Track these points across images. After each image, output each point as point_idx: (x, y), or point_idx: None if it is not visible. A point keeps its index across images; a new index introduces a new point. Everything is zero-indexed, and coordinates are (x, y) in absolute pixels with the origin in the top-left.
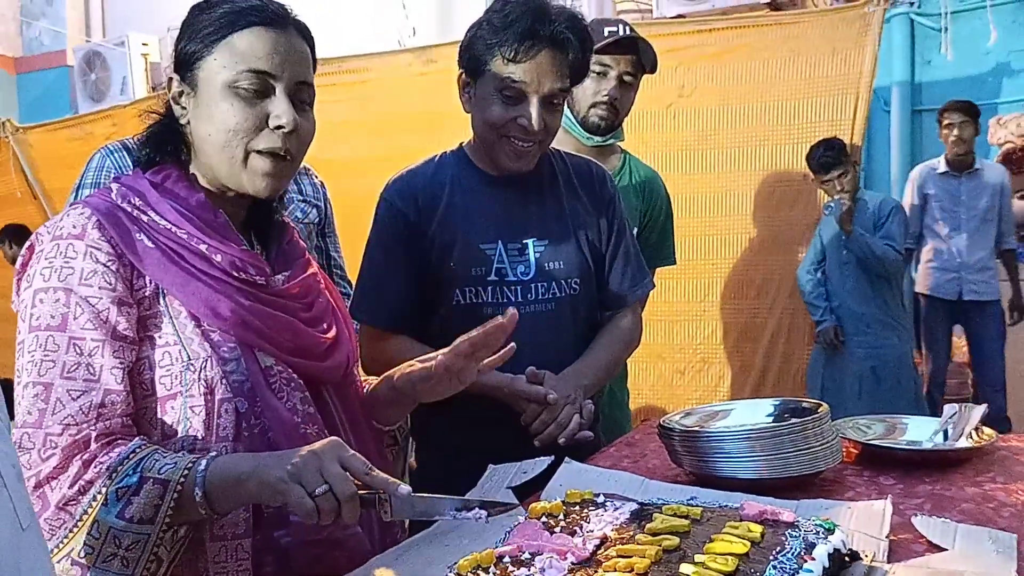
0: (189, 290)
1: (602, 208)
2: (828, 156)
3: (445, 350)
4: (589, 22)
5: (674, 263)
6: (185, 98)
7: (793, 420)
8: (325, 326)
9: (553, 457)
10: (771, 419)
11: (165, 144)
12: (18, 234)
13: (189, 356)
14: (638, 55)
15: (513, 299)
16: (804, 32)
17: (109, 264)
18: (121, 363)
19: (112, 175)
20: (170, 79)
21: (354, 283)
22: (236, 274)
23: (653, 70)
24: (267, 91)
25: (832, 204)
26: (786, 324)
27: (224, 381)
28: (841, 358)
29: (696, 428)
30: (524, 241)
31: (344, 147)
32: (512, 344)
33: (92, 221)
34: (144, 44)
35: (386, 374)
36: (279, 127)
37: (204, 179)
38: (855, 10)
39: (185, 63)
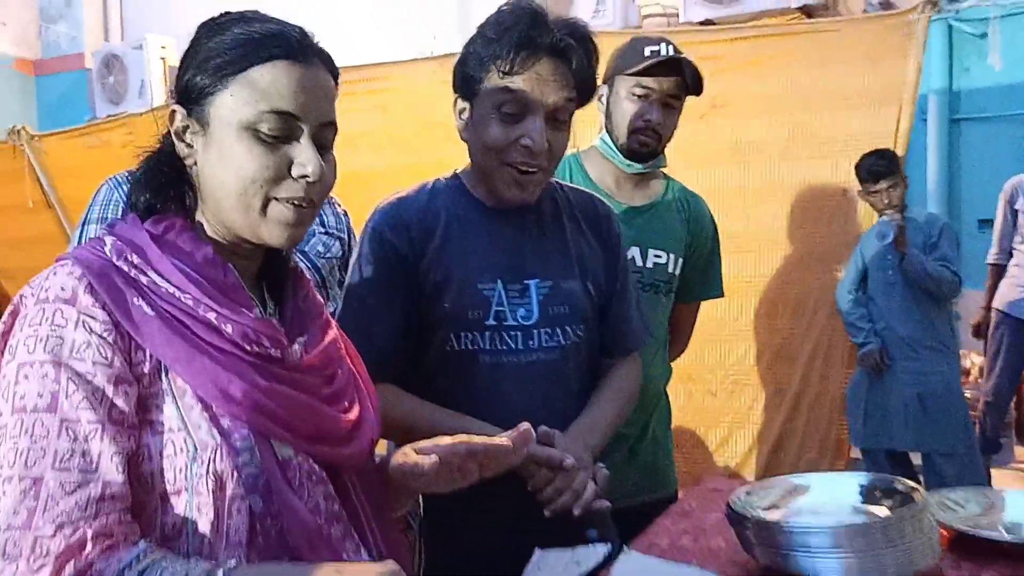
0: (195, 367)
1: (608, 247)
2: (879, 165)
3: (442, 444)
4: (629, 41)
5: (721, 295)
6: (192, 135)
7: (889, 515)
8: (347, 403)
9: (609, 546)
10: (860, 498)
11: (166, 188)
12: None
13: (196, 446)
14: (683, 76)
15: (513, 346)
16: (841, 40)
17: (105, 335)
18: (121, 450)
19: (120, 209)
20: (172, 111)
21: None
22: (249, 347)
23: (698, 92)
24: (290, 134)
25: (886, 222)
26: (824, 345)
27: (236, 475)
28: (885, 383)
29: (773, 520)
30: (526, 282)
31: (364, 159)
32: (528, 427)
33: (83, 284)
34: (163, 47)
35: (379, 461)
36: (303, 176)
37: (212, 228)
38: (897, 18)
39: (193, 96)
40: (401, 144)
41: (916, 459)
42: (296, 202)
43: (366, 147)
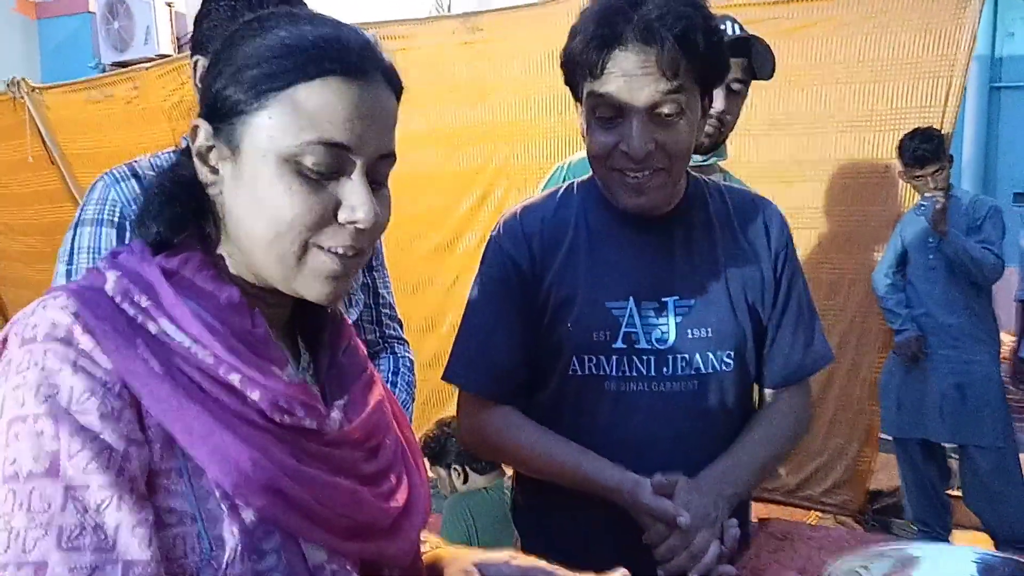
0: (212, 444)
1: (769, 259)
2: (925, 149)
3: (515, 565)
4: None
5: None
6: (218, 159)
7: None
8: (394, 481)
9: None
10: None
11: (183, 222)
12: None
13: (211, 544)
14: (750, 58)
15: (644, 371)
16: (891, 6)
17: (109, 385)
18: (143, 520)
19: (118, 210)
20: (195, 126)
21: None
22: (279, 418)
23: (767, 76)
24: (340, 170)
25: (925, 203)
26: (857, 329)
27: None
28: (921, 372)
29: None
30: (663, 300)
31: None
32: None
33: (79, 323)
34: None
35: (426, 557)
36: (352, 222)
37: (236, 266)
38: None
39: (222, 112)
40: (421, 107)
41: None
42: (342, 251)
43: None
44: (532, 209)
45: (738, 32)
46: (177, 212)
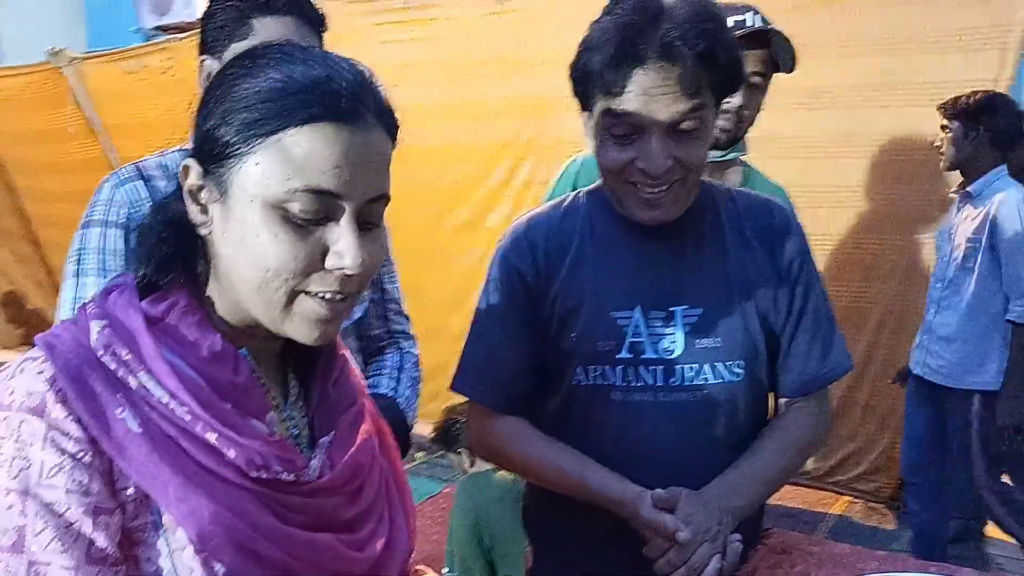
0: (187, 507)
1: (783, 265)
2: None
3: None
4: None
5: None
6: (208, 200)
7: None
8: (375, 523)
9: None
10: None
11: (171, 262)
12: None
13: None
14: (770, 49)
15: (651, 382)
16: None
17: (80, 456)
18: None
19: (124, 211)
20: (186, 166)
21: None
22: (255, 474)
23: (790, 69)
24: (328, 215)
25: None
26: (895, 313)
27: None
28: None
29: None
30: (671, 308)
31: (411, 92)
32: None
33: (54, 390)
34: None
35: None
36: (339, 268)
37: (225, 307)
38: None
39: (212, 153)
40: (451, 78)
41: None
42: (329, 295)
43: (413, 79)
44: (538, 220)
45: (759, 23)
46: (166, 254)
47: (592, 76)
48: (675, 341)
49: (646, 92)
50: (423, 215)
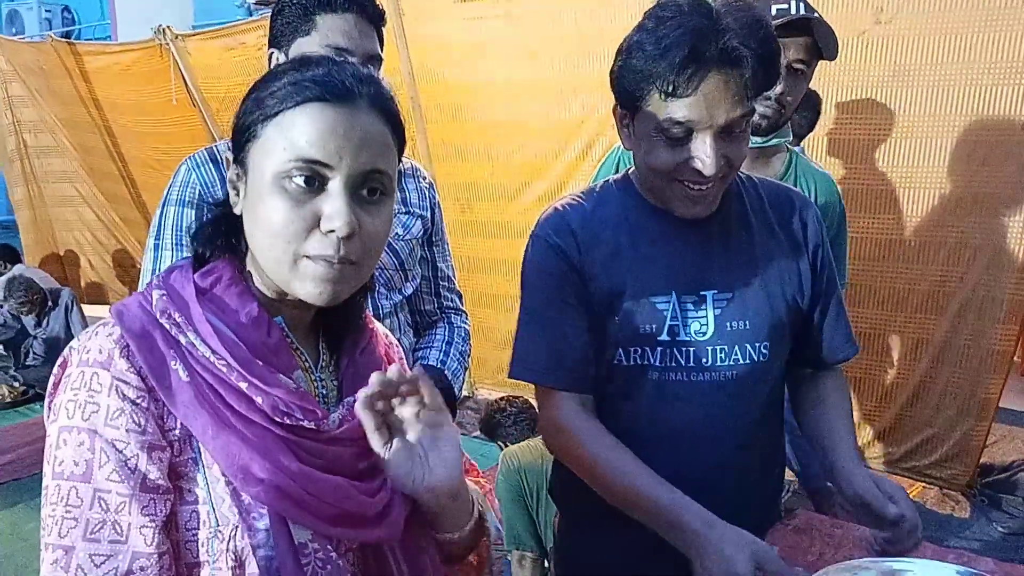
0: (219, 443)
1: (804, 250)
2: None
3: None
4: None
5: (844, 285)
6: (238, 182)
7: None
8: (384, 477)
9: None
10: None
11: (215, 238)
12: (7, 255)
13: (218, 520)
14: (812, 37)
15: (684, 363)
16: None
17: (139, 401)
18: (152, 520)
19: (197, 191)
20: (227, 159)
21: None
22: (280, 419)
23: (832, 56)
24: (322, 184)
25: None
26: (979, 298)
27: (254, 556)
28: None
29: None
30: (702, 293)
31: (488, 69)
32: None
33: (120, 347)
34: None
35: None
36: (331, 231)
37: (261, 278)
38: None
39: (238, 141)
40: (528, 55)
41: None
42: (327, 259)
43: (491, 56)
44: (570, 208)
45: (803, 11)
46: (209, 232)
47: (652, 79)
48: (706, 324)
49: (708, 97)
50: (502, 189)
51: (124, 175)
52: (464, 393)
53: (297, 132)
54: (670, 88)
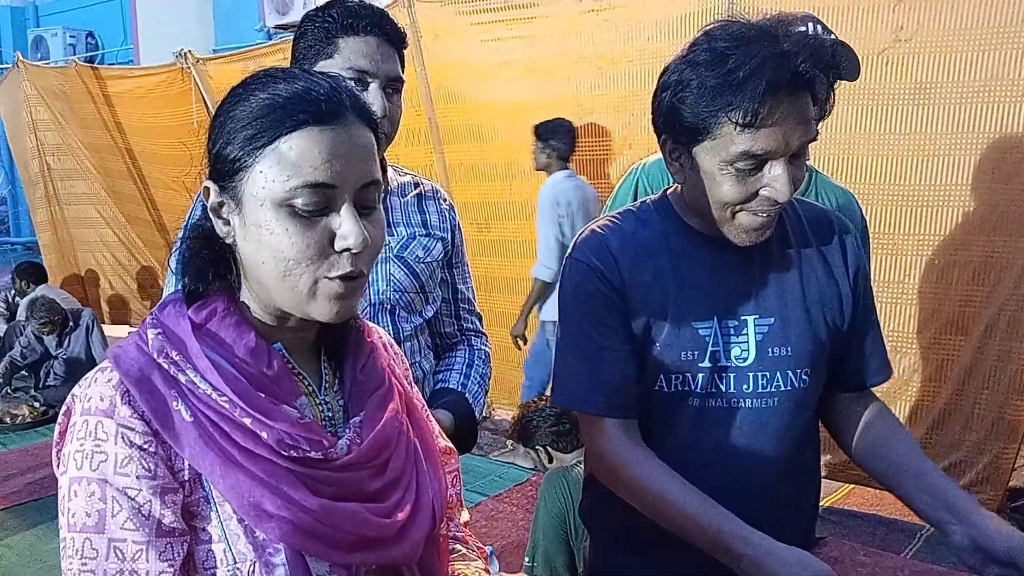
0: (229, 482)
1: (844, 272)
2: None
3: None
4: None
5: None
6: (228, 212)
7: None
8: (402, 493)
9: None
10: None
11: (205, 272)
12: (35, 275)
13: (235, 558)
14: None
15: (724, 389)
16: None
17: (146, 446)
18: (171, 564)
19: None
20: (206, 187)
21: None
22: (287, 453)
23: (853, 77)
24: (329, 205)
25: None
26: (1006, 318)
27: None
28: None
29: None
30: (743, 317)
31: (508, 89)
32: None
33: (120, 392)
34: None
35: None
36: (346, 249)
37: (257, 306)
38: None
39: (224, 171)
40: (546, 76)
41: None
42: (344, 277)
43: (509, 77)
44: (611, 228)
45: (820, 32)
46: (199, 265)
47: (724, 111)
48: (747, 349)
49: (785, 124)
50: (519, 208)
51: (145, 197)
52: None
53: (298, 158)
54: (748, 119)
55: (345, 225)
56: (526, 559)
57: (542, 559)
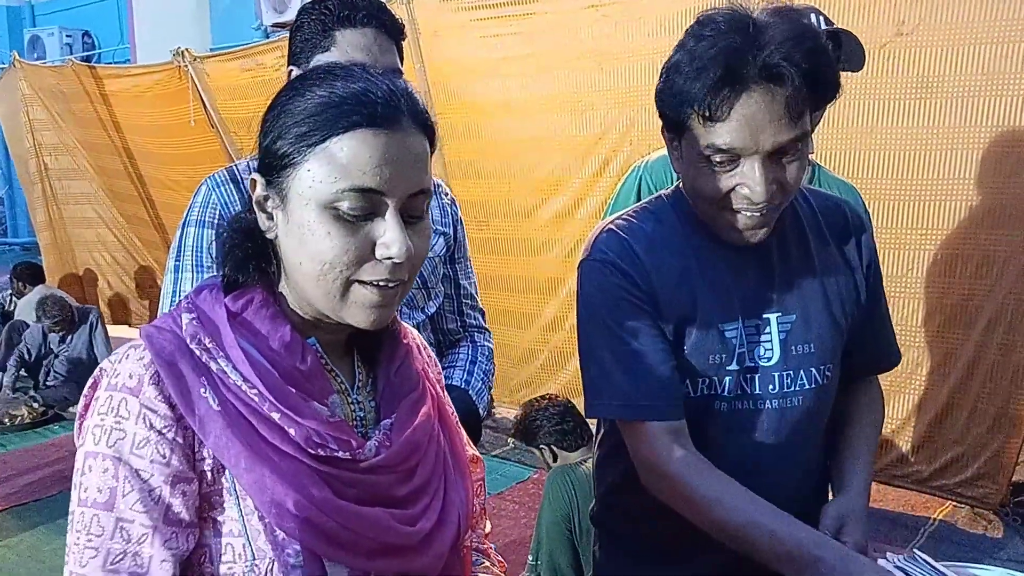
0: (253, 476)
1: (857, 264)
2: None
3: None
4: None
5: None
6: (273, 207)
7: None
8: (428, 499)
9: None
10: None
11: (246, 263)
12: (32, 276)
13: (254, 554)
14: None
15: (750, 390)
16: None
17: (165, 431)
18: (173, 553)
19: (217, 212)
20: (253, 180)
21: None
22: (314, 451)
23: (856, 68)
24: (374, 211)
25: None
26: (1009, 311)
27: None
28: None
29: None
30: (765, 316)
31: (506, 86)
32: None
33: (150, 373)
34: None
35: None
36: (388, 258)
37: (294, 301)
38: None
39: (272, 165)
40: (547, 73)
41: None
42: (381, 284)
43: (510, 74)
44: (631, 227)
45: (824, 25)
46: (239, 256)
47: (690, 102)
48: (771, 348)
49: (750, 118)
50: (519, 206)
51: (143, 196)
52: None
53: (348, 161)
54: (706, 112)
55: (389, 234)
56: (530, 558)
57: (546, 558)
